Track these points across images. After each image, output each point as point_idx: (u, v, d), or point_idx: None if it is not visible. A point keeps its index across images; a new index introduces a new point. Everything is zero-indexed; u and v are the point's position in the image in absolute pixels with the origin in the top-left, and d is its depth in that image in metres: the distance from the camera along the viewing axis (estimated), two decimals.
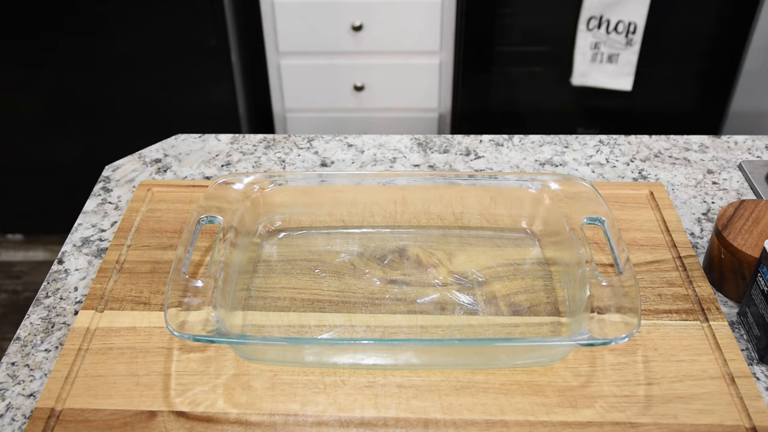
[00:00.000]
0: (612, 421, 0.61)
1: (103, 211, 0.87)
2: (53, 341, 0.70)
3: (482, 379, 0.65)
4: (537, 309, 0.72)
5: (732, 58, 1.79)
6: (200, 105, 1.82)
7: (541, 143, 0.98)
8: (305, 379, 0.65)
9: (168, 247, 0.79)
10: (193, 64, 1.75)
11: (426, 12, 1.75)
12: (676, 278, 0.75)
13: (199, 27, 1.69)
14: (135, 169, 0.94)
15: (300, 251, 0.79)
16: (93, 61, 1.72)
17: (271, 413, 0.62)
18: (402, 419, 0.62)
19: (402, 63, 1.84)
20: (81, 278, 0.77)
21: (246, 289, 0.74)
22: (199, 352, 0.67)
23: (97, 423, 0.62)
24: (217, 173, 0.93)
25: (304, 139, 0.99)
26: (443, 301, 0.73)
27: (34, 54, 1.70)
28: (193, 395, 0.64)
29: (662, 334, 0.69)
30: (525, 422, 0.61)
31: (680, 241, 0.79)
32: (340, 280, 0.75)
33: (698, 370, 0.66)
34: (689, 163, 0.95)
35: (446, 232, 0.81)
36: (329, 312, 0.72)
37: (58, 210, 1.66)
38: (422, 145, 0.98)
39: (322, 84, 1.87)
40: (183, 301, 0.65)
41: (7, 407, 0.64)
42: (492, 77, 1.82)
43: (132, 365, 0.66)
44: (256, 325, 0.71)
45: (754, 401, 0.63)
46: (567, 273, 0.73)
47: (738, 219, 0.74)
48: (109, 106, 1.80)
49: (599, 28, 1.69)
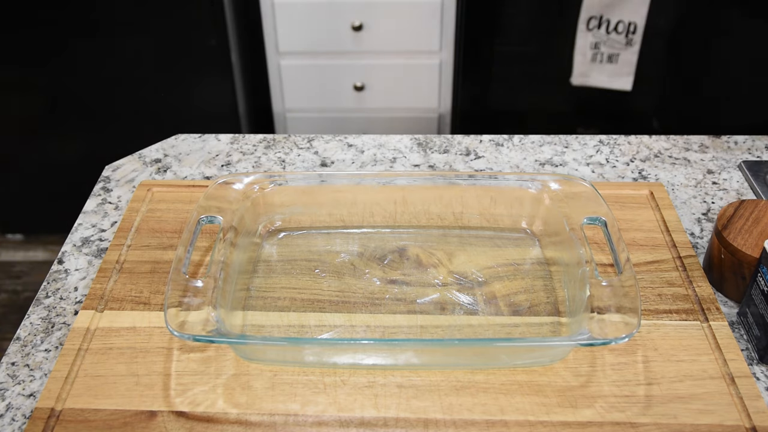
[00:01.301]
0: (612, 421, 0.61)
1: (103, 211, 0.87)
2: (53, 341, 0.70)
3: (482, 379, 0.65)
4: (537, 309, 0.72)
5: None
6: (200, 105, 1.82)
7: (541, 143, 0.98)
8: (305, 379, 0.65)
9: (168, 247, 0.79)
10: (193, 64, 1.75)
11: (426, 12, 1.75)
12: (676, 278, 0.75)
13: (199, 27, 1.69)
14: (135, 169, 0.94)
15: (300, 251, 0.79)
16: (93, 61, 1.72)
17: (271, 413, 0.62)
18: (402, 419, 0.62)
19: (402, 63, 1.84)
20: (81, 278, 0.77)
21: (246, 289, 0.74)
22: (199, 352, 0.67)
23: (97, 423, 0.62)
24: (217, 173, 0.93)
25: (304, 139, 0.99)
26: (443, 301, 0.73)
27: (34, 54, 1.70)
28: (193, 395, 0.64)
29: (662, 334, 0.69)
30: (525, 422, 0.61)
31: (680, 241, 0.79)
32: (340, 280, 0.75)
33: (698, 370, 0.66)
34: (689, 163, 0.95)
35: (446, 232, 0.81)
36: (329, 312, 0.72)
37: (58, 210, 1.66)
38: (422, 145, 0.98)
39: (322, 84, 1.87)
40: (183, 301, 0.65)
41: (7, 407, 0.64)
42: (492, 77, 1.82)
43: (132, 365, 0.66)
44: (256, 325, 0.71)
45: (754, 401, 0.63)
46: (567, 273, 0.73)
47: (738, 219, 0.74)
48: (109, 106, 1.80)
49: (599, 28, 1.69)
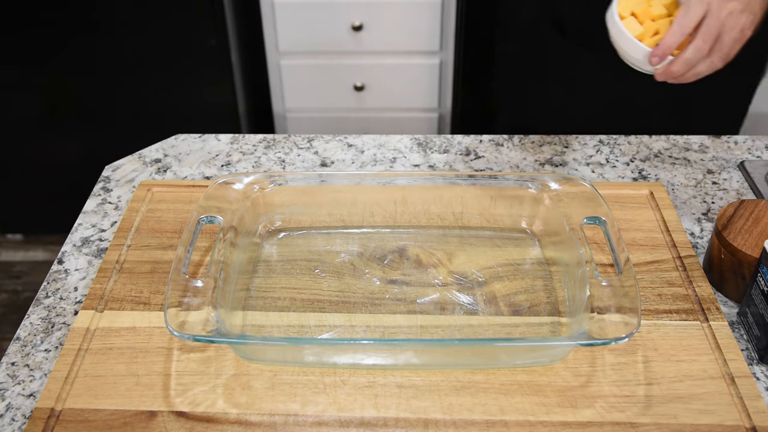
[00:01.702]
0: (612, 421, 0.61)
1: (103, 211, 0.87)
2: (53, 341, 0.70)
3: (482, 379, 0.65)
4: (537, 309, 0.72)
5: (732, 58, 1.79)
6: (200, 105, 1.82)
7: (541, 143, 0.98)
8: (305, 379, 0.65)
9: (168, 247, 0.79)
10: (193, 64, 1.75)
11: (426, 12, 1.75)
12: (676, 278, 0.75)
13: (199, 27, 1.69)
14: (135, 169, 0.94)
15: (300, 251, 0.79)
16: (93, 61, 1.72)
17: (271, 413, 0.62)
18: (402, 419, 0.62)
19: (402, 63, 1.84)
20: (81, 278, 0.77)
21: (246, 289, 0.74)
22: (199, 352, 0.67)
23: (97, 423, 0.62)
24: (217, 173, 0.93)
25: (304, 139, 0.99)
26: (443, 301, 0.73)
27: (34, 54, 1.70)
28: (193, 395, 0.64)
29: (662, 334, 0.69)
30: (525, 422, 0.61)
31: (680, 241, 0.79)
32: (340, 280, 0.75)
33: (698, 370, 0.66)
34: (689, 163, 0.95)
35: (446, 232, 0.81)
36: (329, 312, 0.72)
37: (58, 210, 1.66)
38: (422, 145, 0.98)
39: (322, 84, 1.87)
40: (183, 301, 0.65)
41: (7, 407, 0.64)
42: (492, 77, 1.82)
43: (132, 365, 0.66)
44: (256, 325, 0.71)
45: (754, 401, 0.63)
46: (567, 273, 0.73)
47: (738, 219, 0.74)
48: (109, 106, 1.80)
49: None
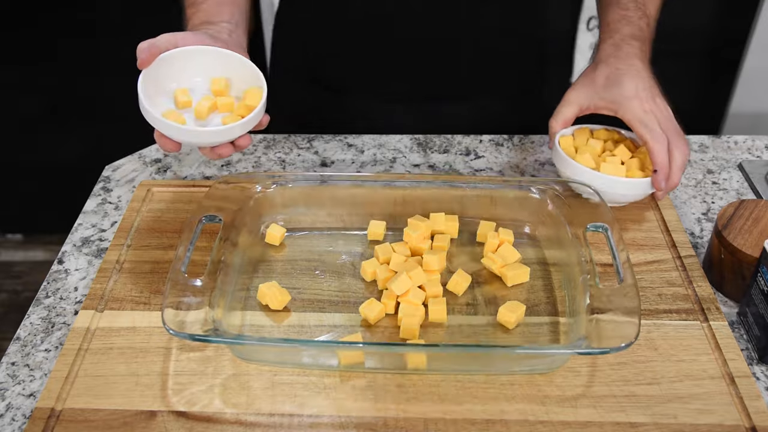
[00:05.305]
0: (612, 421, 0.61)
1: (103, 211, 0.87)
2: (53, 341, 0.70)
3: (482, 379, 0.65)
4: (537, 309, 0.72)
5: (732, 58, 1.79)
6: None
7: (541, 143, 0.98)
8: (304, 380, 0.65)
9: (168, 247, 0.79)
10: None
11: None
12: (676, 278, 0.75)
13: None
14: (135, 169, 0.94)
15: (300, 252, 0.79)
16: (93, 60, 1.72)
17: (270, 413, 0.62)
18: (402, 419, 0.62)
19: None
20: (81, 278, 0.77)
21: (246, 289, 0.74)
22: (198, 351, 0.67)
23: (97, 423, 0.62)
24: (217, 173, 0.93)
25: (304, 139, 0.99)
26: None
27: (35, 54, 1.70)
28: (193, 395, 0.64)
29: (662, 333, 0.69)
30: (525, 422, 0.61)
31: (680, 241, 0.79)
32: (340, 281, 0.75)
33: (698, 370, 0.66)
34: (689, 163, 0.94)
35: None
36: (329, 312, 0.72)
37: (58, 210, 1.66)
38: (422, 145, 0.98)
39: None
40: (182, 301, 0.65)
41: (7, 407, 0.64)
42: None
43: (132, 365, 0.66)
44: (255, 325, 0.71)
45: (754, 401, 0.63)
46: (567, 274, 0.73)
47: (738, 219, 0.74)
48: (110, 106, 1.80)
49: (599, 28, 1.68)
